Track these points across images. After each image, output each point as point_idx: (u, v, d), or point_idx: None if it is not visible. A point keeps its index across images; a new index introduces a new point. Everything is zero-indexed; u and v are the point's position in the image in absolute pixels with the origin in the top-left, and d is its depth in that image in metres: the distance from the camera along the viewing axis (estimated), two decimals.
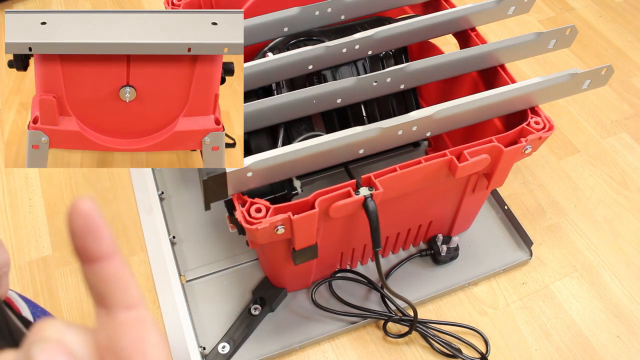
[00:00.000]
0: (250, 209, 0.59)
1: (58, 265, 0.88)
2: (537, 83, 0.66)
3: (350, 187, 0.60)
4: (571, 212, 0.94)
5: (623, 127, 1.06)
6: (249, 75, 0.67)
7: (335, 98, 0.67)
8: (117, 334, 0.23)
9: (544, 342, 0.80)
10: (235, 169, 0.56)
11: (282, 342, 0.78)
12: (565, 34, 0.72)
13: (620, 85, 1.13)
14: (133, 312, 0.24)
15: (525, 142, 0.65)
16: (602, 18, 1.27)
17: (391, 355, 0.79)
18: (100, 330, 0.23)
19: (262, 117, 0.65)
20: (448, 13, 0.75)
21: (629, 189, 0.97)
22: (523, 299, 0.84)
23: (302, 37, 0.77)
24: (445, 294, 0.84)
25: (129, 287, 0.24)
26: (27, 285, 0.86)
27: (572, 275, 0.87)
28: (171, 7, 0.77)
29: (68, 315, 0.83)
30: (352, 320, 0.80)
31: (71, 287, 0.86)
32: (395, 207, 0.72)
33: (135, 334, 0.23)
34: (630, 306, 0.83)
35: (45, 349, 0.21)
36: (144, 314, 0.24)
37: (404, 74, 0.68)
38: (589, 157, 1.02)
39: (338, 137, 0.60)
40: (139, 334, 0.24)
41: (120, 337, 0.23)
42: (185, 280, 0.84)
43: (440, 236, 0.86)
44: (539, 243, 0.90)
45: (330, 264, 0.82)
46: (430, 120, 0.64)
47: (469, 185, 0.75)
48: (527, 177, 0.99)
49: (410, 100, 0.79)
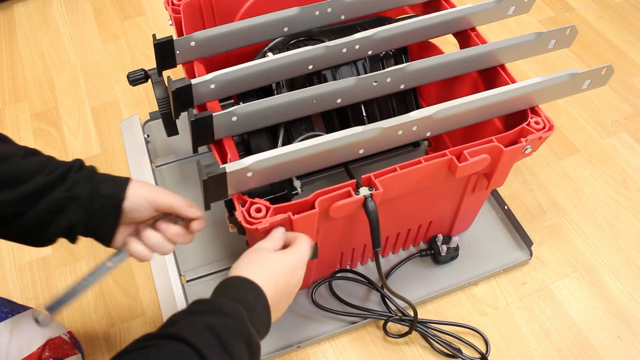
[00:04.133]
0: (250, 209, 0.59)
1: (58, 265, 0.88)
2: (537, 83, 0.66)
3: (350, 187, 0.60)
4: (571, 212, 0.94)
5: (623, 127, 1.06)
6: (249, 75, 0.67)
7: (335, 98, 0.67)
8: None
9: (544, 342, 0.80)
10: (236, 169, 0.56)
11: (282, 342, 0.78)
12: (565, 34, 0.72)
13: (620, 85, 1.13)
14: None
15: (525, 142, 0.65)
16: (602, 18, 1.27)
17: (391, 355, 0.79)
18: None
19: (262, 117, 0.64)
20: (448, 13, 0.75)
21: (629, 189, 0.97)
22: (523, 299, 0.84)
23: (302, 37, 0.77)
24: (445, 294, 0.84)
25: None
26: (27, 285, 0.86)
27: (572, 275, 0.87)
28: (171, 7, 0.76)
29: (68, 315, 0.83)
30: (352, 320, 0.80)
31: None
32: (395, 207, 0.72)
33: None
34: (630, 306, 0.83)
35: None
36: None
37: (404, 74, 0.68)
38: (589, 157, 1.02)
39: (338, 137, 0.60)
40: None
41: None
42: (185, 280, 0.84)
43: (440, 236, 0.86)
44: (539, 243, 0.90)
45: (330, 264, 0.82)
46: (430, 120, 0.64)
47: (469, 185, 0.75)
48: (527, 177, 0.99)
49: (410, 100, 0.79)
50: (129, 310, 0.84)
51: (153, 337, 0.43)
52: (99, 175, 0.57)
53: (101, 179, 0.56)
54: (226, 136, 0.64)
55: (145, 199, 0.57)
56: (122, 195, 0.55)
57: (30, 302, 0.85)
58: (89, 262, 0.88)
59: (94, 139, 1.05)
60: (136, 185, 0.57)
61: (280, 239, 0.58)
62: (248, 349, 0.46)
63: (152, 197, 0.57)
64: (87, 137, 1.06)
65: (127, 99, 1.12)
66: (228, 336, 0.44)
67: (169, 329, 0.45)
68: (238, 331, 0.46)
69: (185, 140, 0.99)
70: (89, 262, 0.88)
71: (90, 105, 1.11)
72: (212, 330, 0.44)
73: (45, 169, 0.54)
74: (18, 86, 1.15)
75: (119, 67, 1.18)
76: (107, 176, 0.57)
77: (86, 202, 0.54)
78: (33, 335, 0.61)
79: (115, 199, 0.55)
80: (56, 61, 1.20)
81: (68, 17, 1.29)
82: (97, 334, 0.81)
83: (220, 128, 0.63)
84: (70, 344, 0.65)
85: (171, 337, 0.43)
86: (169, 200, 0.58)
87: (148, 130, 1.02)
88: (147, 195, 0.57)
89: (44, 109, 1.11)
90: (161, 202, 0.58)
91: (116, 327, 0.82)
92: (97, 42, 1.23)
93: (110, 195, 0.55)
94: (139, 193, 0.57)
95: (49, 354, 0.61)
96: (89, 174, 0.56)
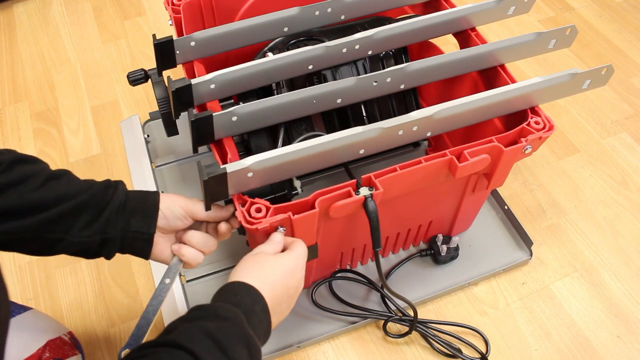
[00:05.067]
0: (251, 208, 0.59)
1: (58, 265, 0.88)
2: (537, 83, 0.66)
3: (350, 187, 0.60)
4: (571, 212, 0.94)
5: (623, 127, 1.06)
6: (249, 75, 0.67)
7: (335, 98, 0.67)
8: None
9: (544, 342, 0.80)
10: (236, 169, 0.56)
11: (281, 342, 0.78)
12: (565, 34, 0.72)
13: (620, 85, 1.13)
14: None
15: (525, 142, 0.65)
16: (602, 18, 1.27)
17: (391, 355, 0.79)
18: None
19: (262, 117, 0.64)
20: (448, 13, 0.75)
21: (629, 189, 0.97)
22: (523, 299, 0.84)
23: (302, 37, 0.77)
24: (445, 294, 0.84)
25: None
26: (27, 285, 0.86)
27: (572, 275, 0.87)
28: (171, 7, 0.76)
29: (68, 315, 0.83)
30: (352, 320, 0.80)
31: (71, 287, 0.86)
32: (395, 207, 0.72)
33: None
34: (630, 306, 0.83)
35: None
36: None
37: (404, 74, 0.68)
38: (589, 157, 1.02)
39: (338, 137, 0.60)
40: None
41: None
42: (185, 280, 0.84)
43: (440, 236, 0.86)
44: (539, 243, 0.90)
45: (330, 264, 0.82)
46: (431, 120, 0.64)
47: (469, 185, 0.75)
48: (527, 177, 0.99)
49: (410, 100, 0.79)
50: (129, 310, 0.84)
51: (150, 346, 0.44)
52: (130, 207, 0.58)
53: (132, 211, 0.58)
54: (226, 136, 0.64)
55: (183, 208, 0.60)
56: (152, 230, 0.58)
57: (30, 302, 0.85)
58: (89, 261, 0.88)
59: (94, 139, 1.05)
60: (170, 199, 0.60)
61: (279, 243, 0.58)
62: (247, 351, 0.46)
63: (187, 207, 0.60)
64: (87, 137, 1.06)
65: (127, 99, 1.12)
66: (226, 339, 0.45)
67: (166, 336, 0.45)
68: (236, 334, 0.46)
69: (185, 140, 0.99)
70: (89, 261, 0.88)
71: (90, 105, 1.11)
72: (209, 334, 0.44)
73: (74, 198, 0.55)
74: (18, 86, 1.15)
75: (119, 67, 1.18)
76: (138, 205, 0.58)
77: (120, 242, 0.57)
78: (33, 336, 0.61)
79: (146, 234, 0.58)
80: (56, 61, 1.20)
81: (68, 17, 1.29)
82: (97, 334, 0.81)
83: (220, 128, 0.63)
84: (71, 344, 0.65)
85: (168, 344, 0.43)
86: (202, 209, 0.61)
87: (148, 130, 1.02)
88: (183, 205, 0.60)
89: (44, 109, 1.11)
90: (199, 212, 0.61)
91: (116, 327, 0.82)
92: (97, 42, 1.23)
93: (141, 231, 0.58)
94: (176, 203, 0.60)
95: (49, 355, 0.61)
96: (119, 208, 0.57)
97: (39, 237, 0.54)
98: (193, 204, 0.61)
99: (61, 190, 0.55)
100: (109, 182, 0.59)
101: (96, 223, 0.55)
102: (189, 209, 0.60)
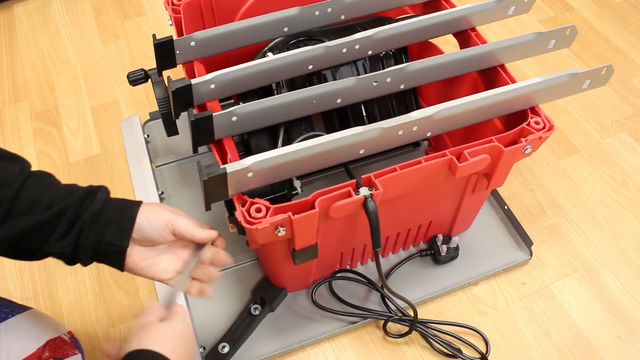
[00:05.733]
0: (251, 209, 0.58)
1: (58, 265, 0.88)
2: (537, 83, 0.66)
3: (350, 187, 0.60)
4: (571, 212, 0.94)
5: (623, 127, 1.06)
6: (249, 75, 0.67)
7: (335, 98, 0.67)
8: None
9: (544, 342, 0.80)
10: (236, 169, 0.56)
11: (282, 342, 0.78)
12: (565, 34, 0.72)
13: (620, 85, 1.13)
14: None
15: (525, 142, 0.65)
16: (602, 18, 1.27)
17: (391, 355, 0.79)
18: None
19: (262, 117, 0.64)
20: (448, 13, 0.75)
21: (629, 189, 0.97)
22: (523, 299, 0.84)
23: (302, 37, 0.77)
24: (445, 294, 0.84)
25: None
26: (27, 285, 0.86)
27: (572, 275, 0.87)
28: (171, 7, 0.76)
29: (68, 315, 0.83)
30: (352, 320, 0.80)
31: (71, 287, 0.86)
32: (395, 207, 0.72)
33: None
34: (630, 306, 0.83)
35: None
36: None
37: (404, 74, 0.68)
38: (589, 157, 1.02)
39: (338, 137, 0.60)
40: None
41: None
42: None
43: (440, 236, 0.86)
44: (539, 243, 0.90)
45: (330, 264, 0.82)
46: (431, 120, 0.64)
47: (469, 185, 0.75)
48: (527, 177, 0.99)
49: (410, 100, 0.79)
50: (129, 310, 0.84)
51: None
52: (105, 217, 0.56)
53: (107, 221, 0.55)
54: (226, 136, 0.64)
55: (164, 220, 0.57)
56: (125, 243, 0.56)
57: (30, 302, 0.85)
58: None
59: (94, 139, 1.05)
60: (152, 210, 0.57)
61: (159, 309, 0.57)
62: None
63: (169, 219, 0.58)
64: (87, 137, 1.06)
65: (127, 99, 1.12)
66: None
67: None
68: None
69: (185, 140, 0.99)
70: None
71: (90, 105, 1.11)
72: None
73: (48, 208, 0.53)
74: (18, 86, 1.15)
75: (119, 67, 1.18)
76: (114, 215, 0.56)
77: (92, 252, 0.56)
78: (33, 335, 0.61)
79: (118, 246, 0.56)
80: (56, 61, 1.20)
81: (68, 17, 1.29)
82: (97, 334, 0.81)
83: (220, 128, 0.63)
84: (70, 344, 0.65)
85: None
86: (186, 223, 0.59)
87: (148, 130, 1.02)
88: (165, 217, 0.58)
89: (44, 109, 1.11)
90: (180, 226, 0.58)
91: (116, 327, 0.82)
92: (97, 42, 1.23)
93: (114, 243, 0.56)
94: (158, 214, 0.57)
95: (49, 354, 0.61)
96: (94, 218, 0.55)
97: (16, 246, 0.53)
98: (176, 217, 0.58)
99: (37, 195, 0.53)
100: (90, 188, 0.56)
101: (70, 233, 0.54)
102: (170, 220, 0.58)
